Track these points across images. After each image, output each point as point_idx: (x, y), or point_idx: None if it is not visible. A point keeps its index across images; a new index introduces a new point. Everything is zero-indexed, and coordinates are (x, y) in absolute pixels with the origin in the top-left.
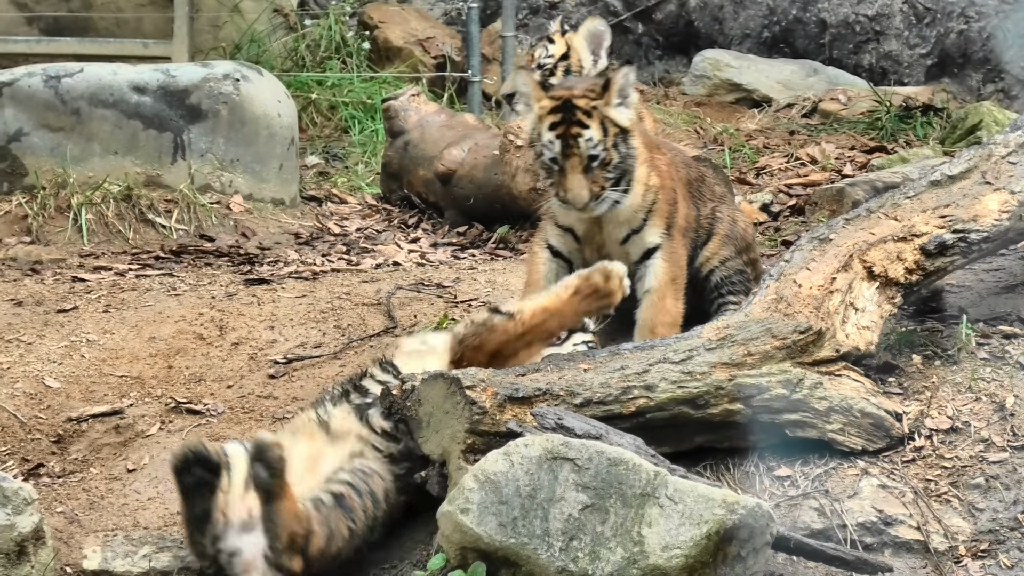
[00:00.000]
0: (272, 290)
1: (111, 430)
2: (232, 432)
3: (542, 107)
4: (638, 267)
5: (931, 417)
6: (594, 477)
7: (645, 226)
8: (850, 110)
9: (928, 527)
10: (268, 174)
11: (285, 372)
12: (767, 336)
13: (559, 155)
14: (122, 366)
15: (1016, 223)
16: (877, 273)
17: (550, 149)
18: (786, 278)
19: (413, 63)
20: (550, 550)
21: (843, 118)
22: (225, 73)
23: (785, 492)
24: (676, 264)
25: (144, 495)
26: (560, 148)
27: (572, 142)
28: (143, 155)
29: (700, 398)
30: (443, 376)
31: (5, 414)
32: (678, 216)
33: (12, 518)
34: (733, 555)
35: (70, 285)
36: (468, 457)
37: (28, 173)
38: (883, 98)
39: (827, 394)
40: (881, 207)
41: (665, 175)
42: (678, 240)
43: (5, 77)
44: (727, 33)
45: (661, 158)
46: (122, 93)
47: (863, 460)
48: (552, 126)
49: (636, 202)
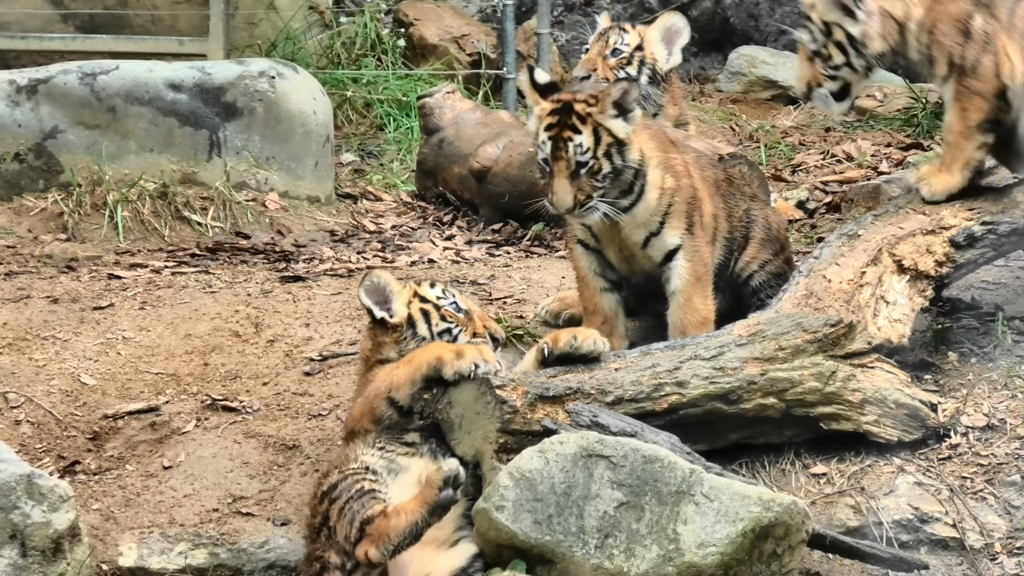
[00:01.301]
0: (308, 287)
1: (147, 427)
2: (267, 429)
3: (542, 109)
4: (662, 269)
5: (967, 414)
6: (629, 474)
7: (663, 229)
8: (886, 107)
9: (964, 524)
10: (303, 171)
11: (320, 369)
12: (798, 330)
13: (549, 156)
14: (158, 363)
15: None
16: (907, 266)
17: (543, 150)
18: (815, 274)
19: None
20: (585, 547)
21: (879, 115)
22: (261, 70)
23: (821, 489)
24: (700, 263)
25: (180, 492)
26: (550, 150)
27: (562, 145)
28: (179, 152)
29: (732, 393)
30: (473, 379)
31: (41, 411)
32: (699, 215)
33: (48, 515)
34: (769, 552)
35: (106, 282)
36: (501, 456)
37: (64, 170)
38: (919, 95)
39: (861, 386)
40: (909, 202)
41: (682, 175)
42: (701, 238)
43: (41, 74)
44: (763, 30)
45: (677, 158)
46: (158, 90)
47: (899, 458)
48: (548, 127)
49: (651, 206)
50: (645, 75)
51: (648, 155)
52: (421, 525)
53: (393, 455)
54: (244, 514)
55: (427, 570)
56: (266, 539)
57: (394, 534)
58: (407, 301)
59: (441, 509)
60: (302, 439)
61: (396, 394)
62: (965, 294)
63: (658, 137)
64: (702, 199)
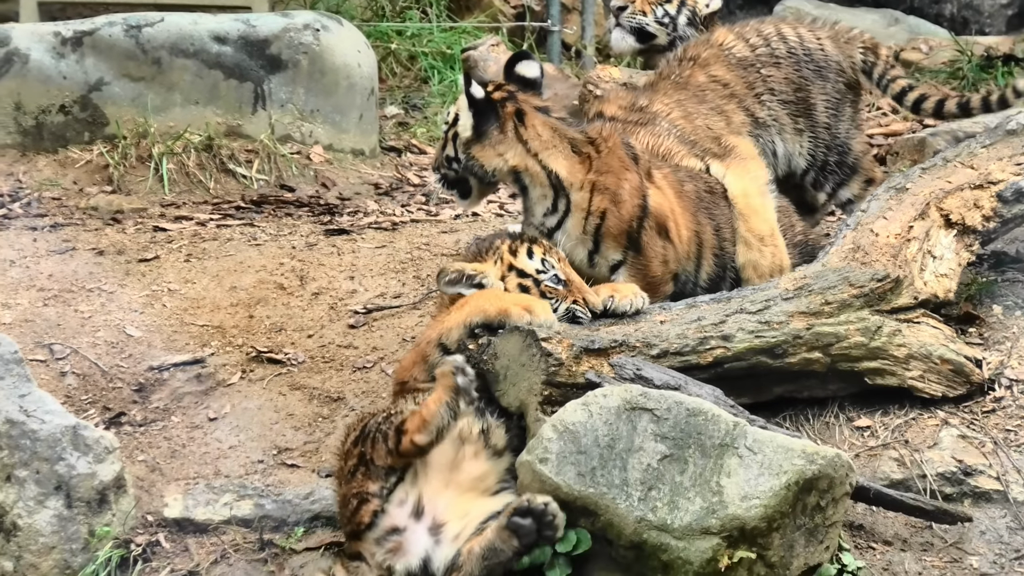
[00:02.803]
0: (352, 240)
1: (192, 379)
2: (312, 381)
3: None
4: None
5: (1011, 367)
6: (673, 427)
7: (601, 247)
8: (931, 60)
9: (1008, 477)
10: (348, 124)
11: (365, 322)
12: (844, 284)
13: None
14: (203, 315)
15: None
16: (954, 221)
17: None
18: (863, 227)
19: (492, 13)
20: (628, 500)
21: (924, 67)
22: (305, 23)
23: (865, 442)
24: (643, 277)
25: (225, 443)
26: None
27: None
28: (224, 105)
29: (778, 347)
30: (519, 329)
31: (87, 363)
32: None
33: (93, 467)
34: (812, 505)
35: (151, 235)
36: (545, 408)
37: (109, 123)
38: (964, 48)
39: (906, 341)
40: (957, 156)
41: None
42: (650, 253)
43: (86, 26)
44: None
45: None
46: (203, 43)
47: (943, 411)
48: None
49: (578, 231)
50: (684, 15)
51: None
52: (451, 406)
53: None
54: (289, 465)
55: (466, 510)
56: (311, 490)
57: (430, 417)
58: (501, 275)
59: (462, 392)
60: (346, 391)
61: (446, 339)
62: (1010, 247)
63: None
64: (666, 215)
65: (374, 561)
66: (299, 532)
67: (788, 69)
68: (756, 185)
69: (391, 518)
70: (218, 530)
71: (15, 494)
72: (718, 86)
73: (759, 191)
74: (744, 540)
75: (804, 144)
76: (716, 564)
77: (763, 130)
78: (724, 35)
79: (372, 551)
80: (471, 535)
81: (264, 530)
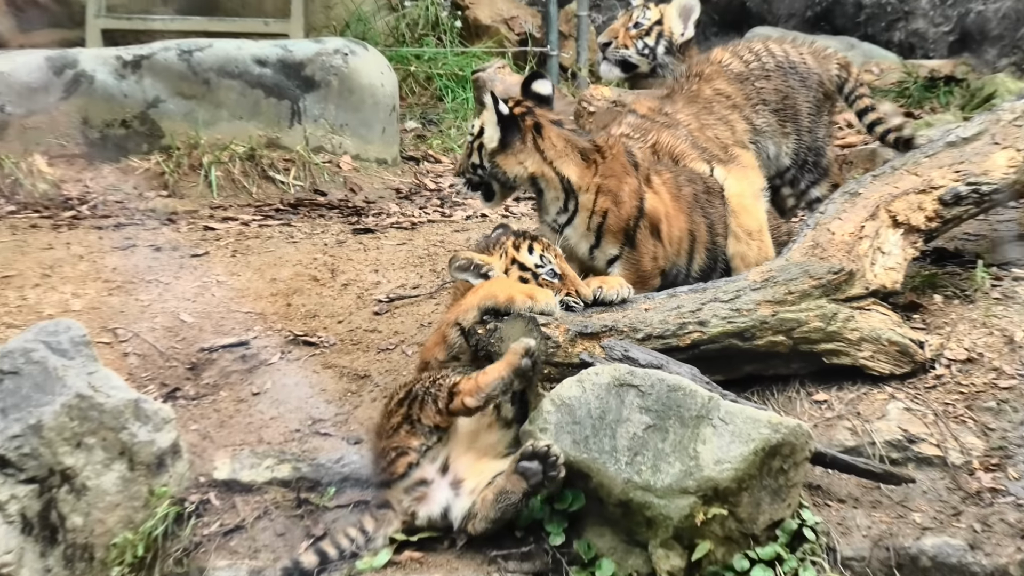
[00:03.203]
0: (376, 238)
1: (238, 359)
2: (342, 361)
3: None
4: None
5: (950, 349)
6: (656, 401)
7: (601, 243)
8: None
9: (946, 444)
10: (372, 137)
11: (388, 310)
12: (805, 277)
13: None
14: (247, 303)
15: (1022, 177)
16: (901, 221)
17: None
18: (821, 227)
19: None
20: (617, 464)
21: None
22: (336, 48)
23: (822, 414)
24: (635, 271)
25: (267, 415)
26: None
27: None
28: (264, 120)
29: (747, 331)
30: (521, 316)
31: (146, 345)
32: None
33: (152, 435)
34: (776, 468)
35: (202, 233)
36: (544, 385)
37: (164, 135)
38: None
39: (858, 326)
40: (904, 164)
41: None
42: (643, 250)
43: (144, 51)
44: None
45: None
46: (246, 66)
47: (890, 386)
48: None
49: (583, 228)
50: (663, 45)
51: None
52: (507, 381)
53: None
54: (322, 434)
55: (481, 469)
56: (341, 455)
57: (485, 385)
58: (504, 268)
59: (522, 374)
60: (372, 370)
61: (463, 319)
62: (950, 244)
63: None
64: (660, 218)
65: (400, 508)
66: (331, 491)
67: (777, 80)
68: (751, 189)
69: (423, 471)
70: (261, 490)
71: (84, 459)
72: (722, 98)
73: (753, 194)
74: (717, 499)
75: (790, 145)
76: (693, 519)
77: (760, 136)
78: (721, 54)
79: (400, 498)
80: (484, 487)
81: (301, 490)
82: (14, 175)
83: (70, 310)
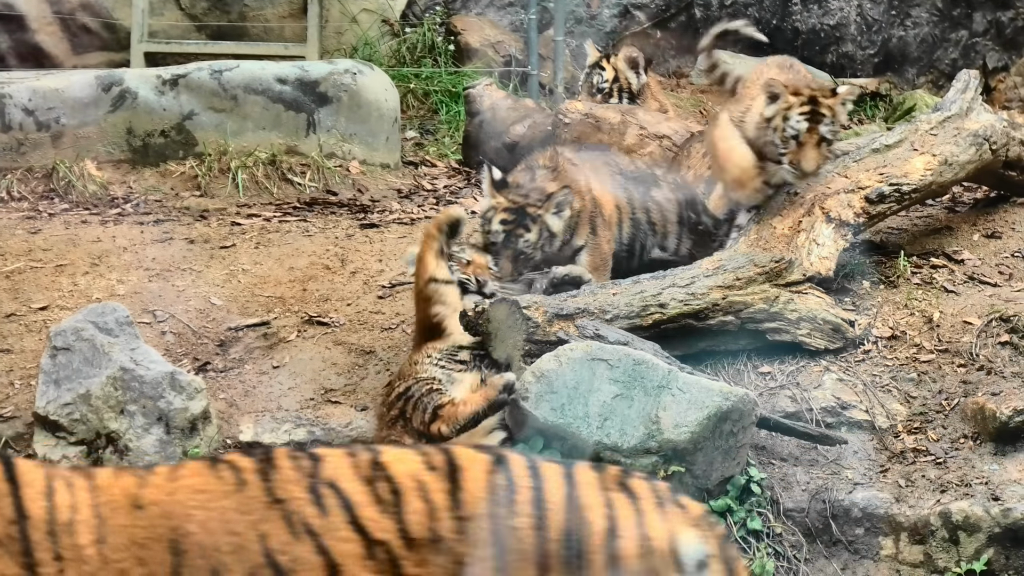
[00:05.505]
0: (380, 232)
1: (260, 337)
2: (351, 339)
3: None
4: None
5: (876, 328)
6: (623, 373)
7: (573, 237)
8: None
9: (874, 410)
10: (377, 144)
11: (391, 294)
12: (751, 265)
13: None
14: (268, 288)
15: (937, 179)
16: (833, 217)
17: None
18: (764, 222)
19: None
20: (589, 428)
21: None
22: (346, 68)
23: (767, 384)
24: (598, 255)
25: (285, 386)
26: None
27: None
28: (284, 130)
29: (701, 312)
30: (505, 300)
31: (181, 324)
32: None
33: (186, 403)
34: (727, 431)
35: (230, 228)
36: (526, 360)
37: (198, 144)
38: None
39: (797, 307)
40: (835, 168)
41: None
42: (603, 238)
43: (180, 71)
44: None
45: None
46: (269, 83)
47: (825, 360)
48: (502, 221)
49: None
50: (625, 99)
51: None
52: (481, 415)
53: (451, 371)
54: (333, 402)
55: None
56: (350, 421)
57: (461, 417)
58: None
59: (497, 407)
60: (376, 346)
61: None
62: (876, 237)
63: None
64: (603, 204)
65: None
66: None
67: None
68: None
69: None
70: None
71: (127, 423)
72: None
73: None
74: (676, 458)
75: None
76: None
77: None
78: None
79: None
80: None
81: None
82: (68, 178)
83: (115, 294)
